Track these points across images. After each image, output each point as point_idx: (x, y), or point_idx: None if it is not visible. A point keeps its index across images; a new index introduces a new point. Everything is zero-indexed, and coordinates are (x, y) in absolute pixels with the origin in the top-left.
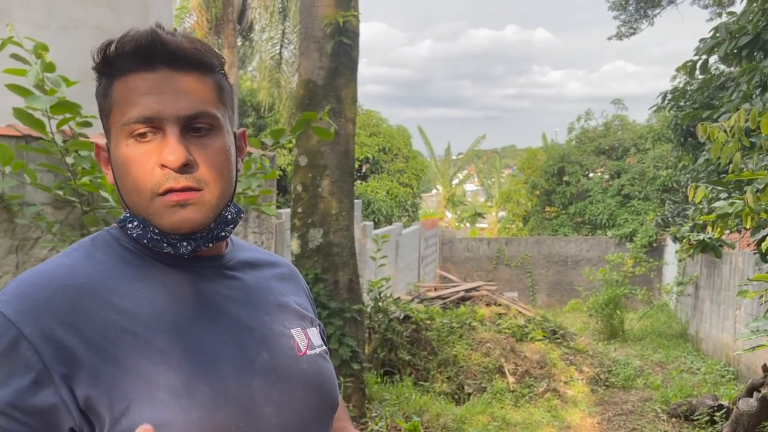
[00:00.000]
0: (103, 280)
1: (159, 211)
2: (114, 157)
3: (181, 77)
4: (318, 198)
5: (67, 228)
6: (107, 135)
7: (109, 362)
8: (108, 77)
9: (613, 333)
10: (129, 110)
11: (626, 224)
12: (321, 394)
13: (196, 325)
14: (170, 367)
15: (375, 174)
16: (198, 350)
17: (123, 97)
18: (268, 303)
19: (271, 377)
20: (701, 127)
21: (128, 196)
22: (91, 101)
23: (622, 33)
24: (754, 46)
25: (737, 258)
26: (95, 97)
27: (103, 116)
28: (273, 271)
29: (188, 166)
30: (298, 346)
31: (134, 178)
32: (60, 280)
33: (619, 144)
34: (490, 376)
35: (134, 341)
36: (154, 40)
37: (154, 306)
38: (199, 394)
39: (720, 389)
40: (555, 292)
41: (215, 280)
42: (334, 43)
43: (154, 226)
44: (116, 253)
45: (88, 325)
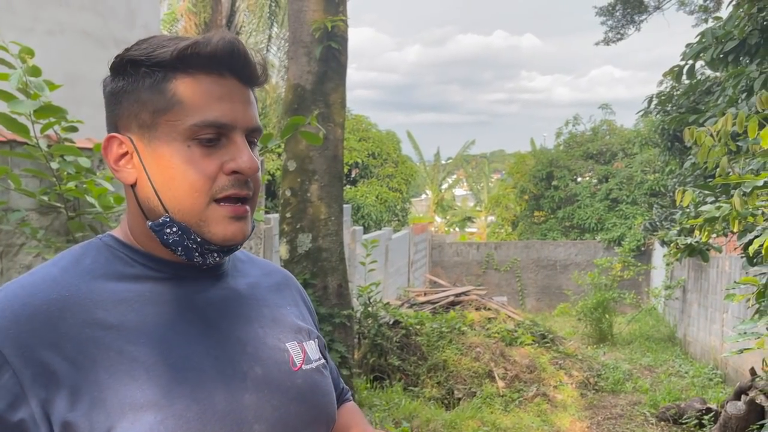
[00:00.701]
0: (88, 292)
1: (215, 219)
2: (160, 155)
3: (245, 89)
4: (307, 203)
5: (52, 234)
6: (144, 131)
7: (90, 383)
8: (171, 72)
9: (602, 337)
10: (202, 113)
11: (614, 228)
12: (316, 410)
13: (186, 340)
14: (156, 384)
15: (364, 179)
16: (186, 366)
17: (193, 98)
18: (263, 315)
19: (263, 393)
20: (688, 132)
21: (178, 200)
22: (77, 106)
23: (609, 38)
24: (740, 51)
25: (724, 262)
26: (129, 90)
27: (146, 110)
28: (268, 281)
29: (251, 176)
30: (293, 361)
31: (194, 180)
32: (42, 295)
33: (606, 149)
34: (479, 380)
35: (118, 359)
36: (238, 52)
37: (142, 319)
38: (186, 412)
39: (708, 392)
40: (544, 297)
41: (209, 291)
42: (322, 48)
43: (198, 235)
44: (107, 262)
45: (70, 344)
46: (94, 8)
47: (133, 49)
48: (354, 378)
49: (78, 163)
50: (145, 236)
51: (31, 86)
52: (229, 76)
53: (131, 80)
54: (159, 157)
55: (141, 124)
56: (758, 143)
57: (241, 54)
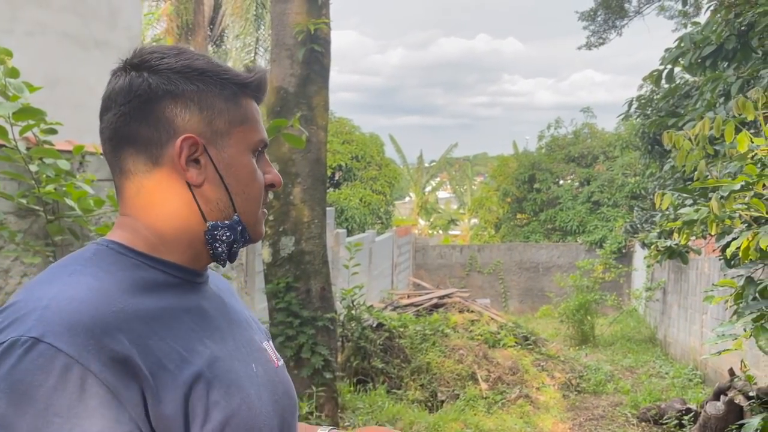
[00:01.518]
0: (135, 302)
1: (260, 221)
2: (233, 161)
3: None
4: (289, 206)
5: (30, 237)
6: (217, 137)
7: (168, 389)
8: (242, 91)
9: (584, 338)
10: (258, 132)
11: (596, 231)
12: (293, 400)
13: (216, 343)
14: (216, 392)
15: (348, 182)
16: (226, 368)
17: (252, 117)
18: (240, 319)
19: (267, 388)
20: (667, 135)
21: (247, 203)
22: (56, 108)
23: (591, 43)
24: (718, 55)
25: (703, 263)
26: (206, 95)
27: (222, 118)
28: (225, 285)
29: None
30: (272, 359)
31: (257, 189)
32: (104, 308)
33: (588, 152)
34: (463, 383)
35: (183, 366)
36: (264, 82)
37: (182, 328)
38: (239, 410)
39: (688, 393)
40: (527, 299)
41: (208, 297)
42: (305, 51)
43: (249, 233)
44: (133, 272)
45: (143, 352)
46: (75, 9)
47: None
48: (337, 381)
49: (57, 165)
50: (177, 238)
51: (10, 88)
52: (258, 101)
53: (204, 87)
54: (234, 164)
55: (215, 131)
56: (735, 147)
57: (266, 85)
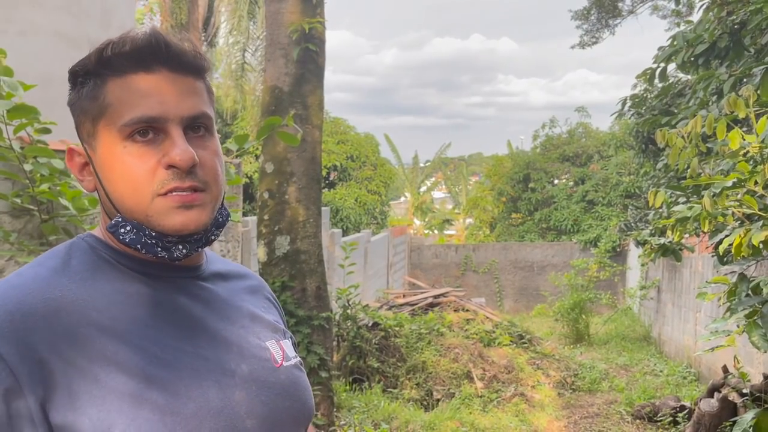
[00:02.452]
0: (80, 292)
1: (161, 211)
2: (104, 160)
3: (179, 79)
4: (285, 205)
5: (25, 237)
6: (90, 139)
7: (88, 381)
8: (100, 78)
9: (579, 337)
10: (129, 111)
11: (590, 230)
12: (299, 404)
13: (177, 340)
14: (152, 383)
15: (343, 181)
16: (180, 366)
17: (121, 98)
18: (243, 316)
19: (252, 390)
20: (660, 134)
21: (123, 199)
22: (50, 108)
23: (584, 42)
24: (710, 54)
25: (697, 261)
26: (75, 102)
27: (87, 119)
28: (243, 283)
29: (195, 166)
30: (275, 358)
31: (133, 179)
32: (37, 294)
33: (582, 151)
34: (458, 381)
35: (114, 358)
36: (158, 42)
37: (133, 321)
38: (184, 410)
39: (682, 390)
40: (522, 298)
41: (192, 292)
42: (300, 50)
43: (150, 229)
44: (93, 263)
45: (67, 344)
46: (68, 9)
47: (78, 61)
48: (333, 380)
49: (51, 165)
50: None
51: (4, 86)
52: (158, 69)
53: (74, 92)
54: (103, 162)
55: (88, 133)
56: (727, 145)
57: (162, 44)
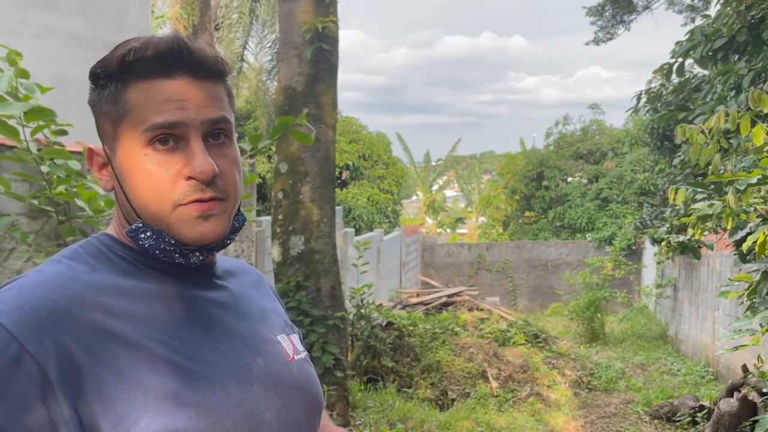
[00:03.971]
0: (101, 289)
1: (181, 221)
2: (124, 164)
3: (201, 84)
4: (299, 205)
5: (42, 238)
6: (111, 141)
7: (113, 375)
8: (121, 81)
9: (594, 336)
10: (151, 117)
11: (605, 228)
12: (311, 397)
13: (196, 335)
14: (175, 377)
15: (355, 181)
16: (200, 359)
17: (142, 103)
18: (253, 311)
19: (268, 383)
20: (680, 129)
21: (144, 206)
22: (66, 109)
23: (599, 38)
24: (729, 48)
25: (715, 260)
26: (97, 104)
27: (108, 122)
28: (248, 278)
29: (215, 177)
30: (286, 352)
31: (155, 187)
32: (60, 290)
33: (596, 148)
34: (473, 381)
35: (138, 353)
36: (180, 48)
37: (153, 316)
38: (206, 402)
39: (701, 390)
40: (536, 296)
41: (207, 289)
42: (313, 50)
43: (170, 237)
44: (111, 262)
45: (92, 338)
46: (83, 11)
47: (98, 61)
48: (348, 380)
49: (68, 166)
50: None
51: (22, 89)
52: (180, 75)
53: (95, 93)
54: (124, 167)
55: (108, 136)
56: (751, 140)
57: (183, 50)
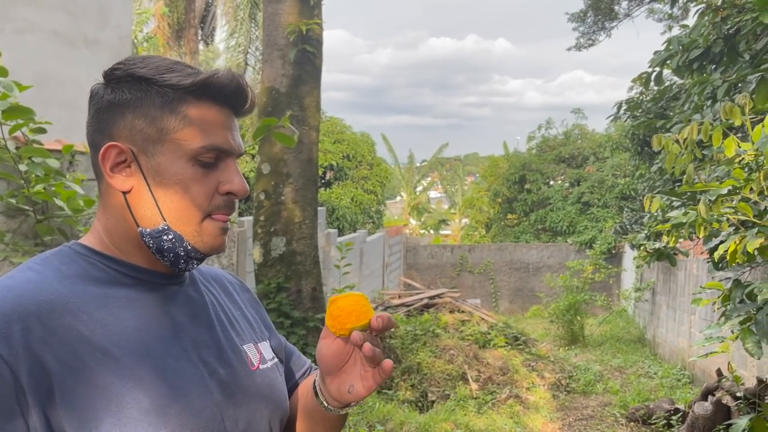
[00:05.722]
0: (71, 296)
1: (207, 231)
2: (164, 169)
3: (234, 118)
4: (281, 206)
5: (20, 237)
6: (149, 144)
7: (79, 381)
8: (183, 96)
9: (574, 339)
10: (210, 137)
11: (586, 231)
12: (274, 406)
13: (162, 344)
14: (139, 384)
15: (339, 181)
16: (165, 368)
17: (202, 121)
18: (221, 320)
19: (228, 392)
20: (656, 138)
21: (176, 211)
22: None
23: (581, 44)
24: (705, 59)
25: (692, 265)
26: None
27: (154, 126)
28: (222, 286)
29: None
30: (251, 361)
31: (194, 196)
32: (30, 296)
33: (578, 152)
34: (453, 383)
35: (104, 359)
36: (239, 86)
37: (122, 324)
38: (168, 410)
39: (676, 393)
40: (517, 299)
41: (176, 298)
42: (297, 51)
43: (189, 243)
44: (83, 269)
45: (60, 343)
46: (65, 7)
47: (138, 65)
48: None
49: (47, 165)
50: (125, 240)
51: (0, 86)
52: (227, 108)
53: (140, 95)
54: (162, 170)
55: (146, 138)
56: (723, 152)
57: (242, 90)
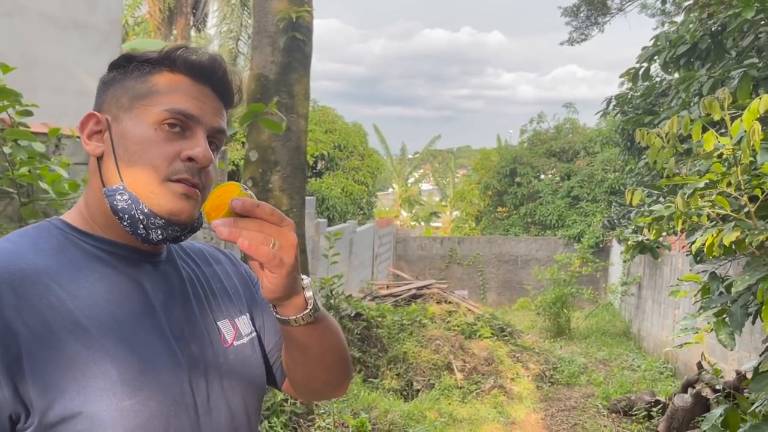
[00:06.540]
0: (45, 267)
1: (164, 193)
2: (128, 132)
3: (216, 101)
4: (268, 193)
5: (4, 220)
6: (120, 112)
7: (47, 348)
8: (156, 68)
9: (560, 331)
10: (174, 101)
11: (575, 225)
12: (246, 382)
13: (133, 318)
14: (107, 356)
15: (330, 171)
16: (135, 341)
17: (170, 89)
18: (198, 295)
19: (199, 368)
20: (639, 133)
21: (133, 172)
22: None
23: (573, 39)
24: (692, 55)
25: (677, 259)
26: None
27: (127, 95)
28: (201, 258)
29: (206, 168)
30: (225, 338)
31: (153, 157)
32: (3, 265)
33: (569, 147)
34: (438, 372)
35: (73, 329)
36: (218, 67)
37: (93, 297)
38: (134, 383)
39: (658, 386)
40: (505, 291)
41: (151, 274)
42: (286, 39)
43: (146, 206)
44: (59, 243)
45: (30, 311)
46: None
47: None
48: None
49: (32, 148)
50: (100, 212)
51: None
52: (206, 85)
53: (122, 71)
54: (127, 134)
55: (119, 106)
56: (702, 146)
57: (220, 70)
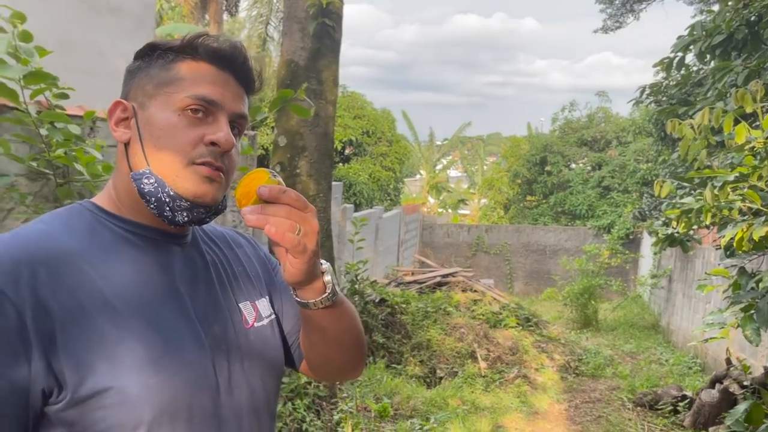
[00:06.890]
0: (77, 248)
1: (189, 177)
2: (154, 118)
3: (238, 87)
4: (295, 178)
5: (40, 200)
6: (146, 99)
7: (79, 326)
8: (179, 56)
9: (587, 322)
10: (197, 88)
11: (605, 216)
12: (266, 361)
13: (159, 299)
14: (134, 335)
15: (358, 156)
16: (160, 322)
17: (193, 77)
18: (221, 278)
19: (221, 349)
20: (671, 124)
21: (159, 156)
22: (69, 72)
23: (608, 26)
24: (728, 45)
25: (710, 253)
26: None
27: (151, 83)
28: (224, 242)
29: (228, 152)
30: (246, 319)
31: (177, 143)
32: (39, 245)
33: (601, 136)
34: (462, 360)
35: (104, 309)
36: (239, 54)
37: (122, 278)
38: (160, 361)
39: (686, 380)
40: (532, 281)
41: (178, 257)
42: (316, 25)
43: (171, 188)
44: (90, 225)
45: (64, 291)
46: None
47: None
48: None
49: (67, 130)
50: (128, 195)
51: (21, 51)
52: (227, 72)
53: (147, 60)
54: (152, 120)
55: (145, 94)
56: (733, 138)
57: (241, 56)
